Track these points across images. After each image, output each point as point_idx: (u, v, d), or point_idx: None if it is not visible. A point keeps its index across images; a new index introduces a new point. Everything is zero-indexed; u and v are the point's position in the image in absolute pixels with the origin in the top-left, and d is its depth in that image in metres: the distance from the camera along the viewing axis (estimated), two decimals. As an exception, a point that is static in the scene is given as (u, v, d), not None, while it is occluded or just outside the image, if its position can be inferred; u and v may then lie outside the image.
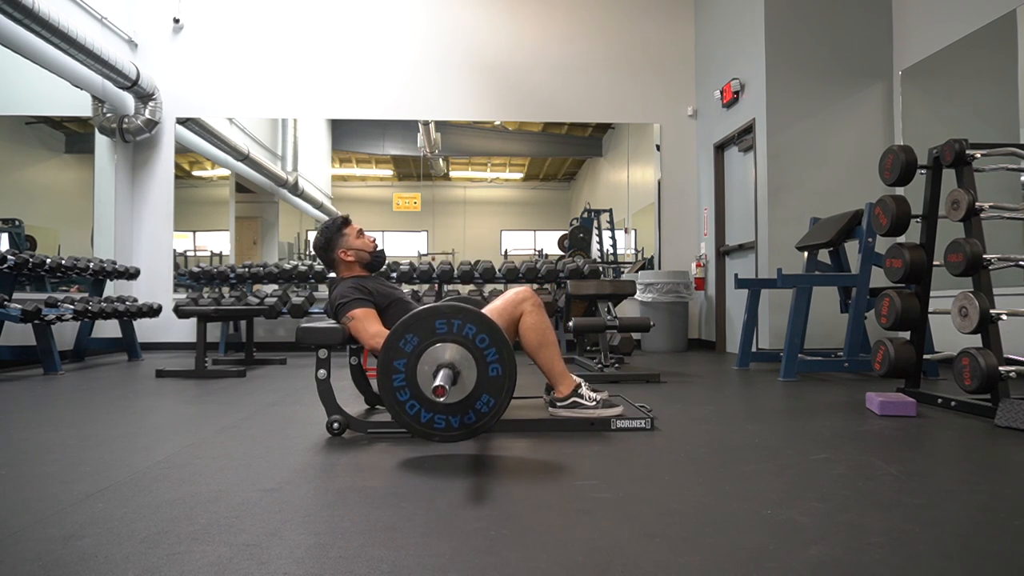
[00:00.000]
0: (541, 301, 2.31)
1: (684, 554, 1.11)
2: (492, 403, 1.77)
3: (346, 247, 2.45)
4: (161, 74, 6.10)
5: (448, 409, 1.76)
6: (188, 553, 1.12)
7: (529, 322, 2.26)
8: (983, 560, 1.10)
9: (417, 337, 1.74)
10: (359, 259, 2.46)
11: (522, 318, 2.26)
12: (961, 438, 2.13)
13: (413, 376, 1.74)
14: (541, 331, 2.26)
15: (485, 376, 1.75)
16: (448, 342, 1.73)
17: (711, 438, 2.11)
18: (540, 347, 2.26)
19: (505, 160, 7.76)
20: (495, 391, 1.76)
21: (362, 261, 2.47)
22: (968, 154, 2.59)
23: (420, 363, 1.73)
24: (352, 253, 2.45)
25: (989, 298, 2.42)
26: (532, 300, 2.28)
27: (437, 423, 1.78)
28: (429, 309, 1.75)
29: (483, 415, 1.77)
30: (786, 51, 5.06)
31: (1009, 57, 3.95)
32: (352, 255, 2.45)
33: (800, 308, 3.78)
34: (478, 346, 1.74)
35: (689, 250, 6.52)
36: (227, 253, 6.55)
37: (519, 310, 2.26)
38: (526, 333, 2.26)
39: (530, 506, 1.41)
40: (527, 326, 2.26)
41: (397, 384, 1.76)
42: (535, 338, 2.26)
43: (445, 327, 1.74)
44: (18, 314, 3.83)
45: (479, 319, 1.75)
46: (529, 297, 2.28)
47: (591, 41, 6.59)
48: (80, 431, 2.25)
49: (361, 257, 2.47)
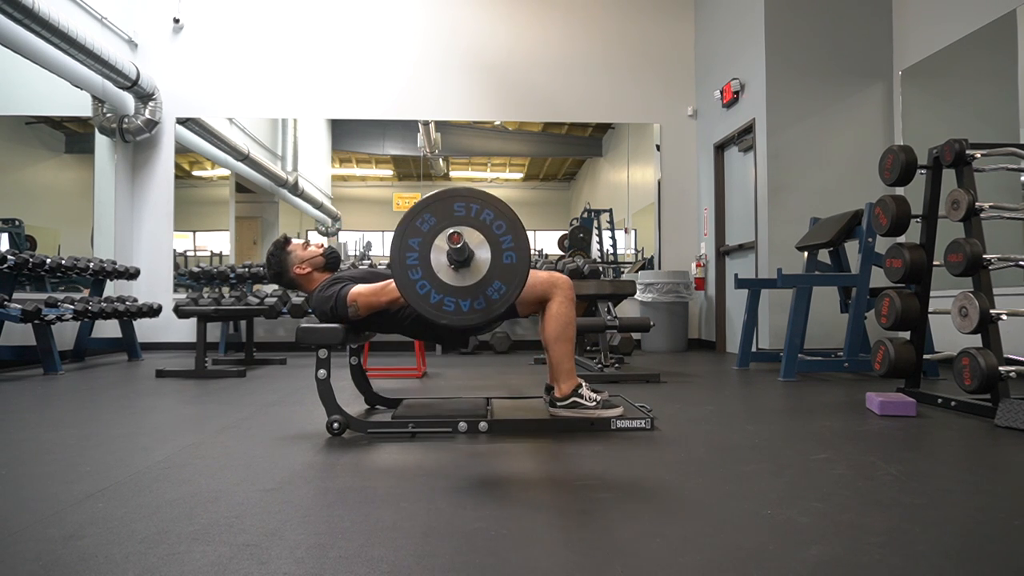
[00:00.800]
0: (574, 295, 2.28)
1: (684, 554, 1.11)
2: (503, 290, 1.74)
3: (298, 262, 2.43)
4: (161, 74, 6.09)
5: (459, 292, 1.73)
6: (188, 553, 1.12)
7: (557, 310, 2.22)
8: (983, 560, 1.10)
9: (435, 217, 1.71)
10: (315, 266, 2.44)
11: (551, 303, 2.22)
12: (961, 438, 2.13)
13: (427, 256, 1.71)
14: (565, 323, 2.22)
15: (499, 262, 1.72)
16: (465, 225, 1.71)
17: (711, 438, 2.11)
18: (558, 339, 2.22)
19: (505, 160, 7.75)
20: (507, 278, 1.73)
21: (318, 267, 2.44)
22: (968, 154, 2.59)
23: (435, 243, 1.71)
24: (306, 264, 2.43)
25: (989, 298, 2.42)
26: (567, 290, 2.24)
27: (447, 305, 1.74)
28: (449, 191, 1.74)
29: (493, 301, 1.74)
30: (786, 51, 5.06)
31: (1009, 57, 3.95)
32: (307, 266, 2.43)
33: (800, 308, 3.78)
34: (495, 232, 1.72)
35: (689, 250, 6.52)
36: (227, 253, 6.55)
37: (549, 292, 2.23)
38: (550, 320, 2.22)
39: (530, 506, 1.41)
40: (553, 313, 2.22)
41: (410, 262, 1.72)
42: (556, 328, 2.22)
43: (463, 210, 1.72)
44: (18, 314, 3.83)
45: (497, 205, 1.73)
46: (565, 286, 2.25)
47: (591, 41, 6.59)
48: (80, 431, 2.25)
49: (316, 263, 2.44)
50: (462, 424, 2.15)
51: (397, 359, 5.19)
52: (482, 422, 2.16)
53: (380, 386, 3.11)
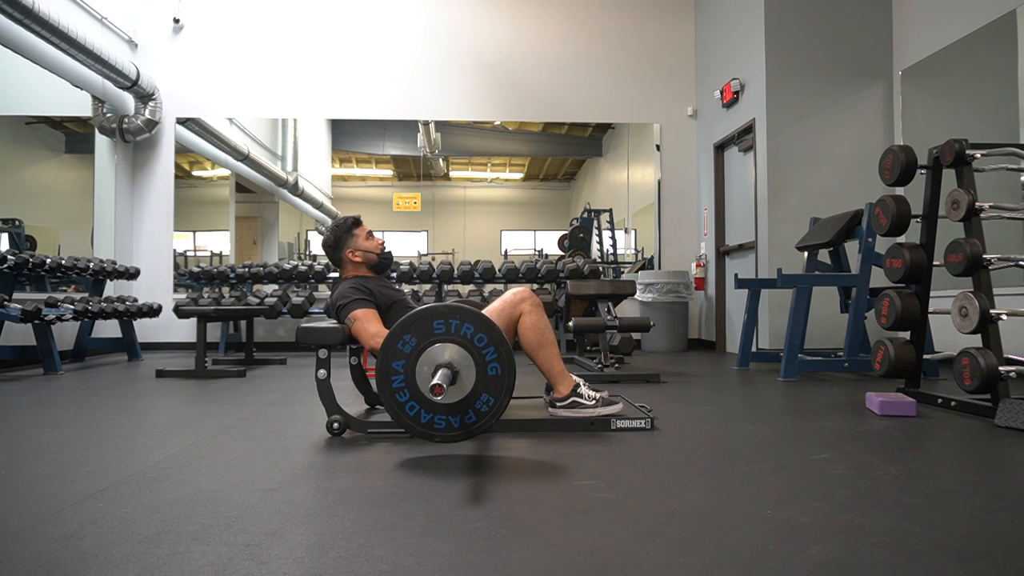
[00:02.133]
0: (540, 301, 2.32)
1: (684, 554, 1.11)
2: (492, 402, 1.77)
3: (354, 247, 2.47)
4: (161, 74, 6.10)
5: (448, 409, 1.76)
6: (188, 553, 1.12)
7: (528, 322, 2.26)
8: (983, 560, 1.10)
9: (415, 338, 1.74)
10: (366, 260, 2.48)
11: (521, 318, 2.27)
12: (961, 438, 2.13)
13: (412, 377, 1.74)
14: (540, 331, 2.27)
15: (484, 375, 1.74)
16: (446, 342, 1.73)
17: (711, 438, 2.11)
18: (539, 347, 2.27)
19: (505, 160, 7.75)
20: (495, 390, 1.76)
21: (369, 262, 2.49)
22: (968, 154, 2.59)
23: (419, 364, 1.73)
24: (360, 254, 2.47)
25: (989, 298, 2.42)
26: (531, 300, 2.29)
27: (437, 423, 1.78)
28: (427, 309, 1.75)
29: (483, 414, 1.77)
30: (786, 51, 5.06)
31: (1009, 57, 3.95)
32: (360, 256, 2.47)
33: (800, 308, 3.78)
34: (476, 345, 1.74)
35: (689, 250, 6.52)
36: (227, 253, 6.55)
37: (518, 310, 2.27)
38: (525, 333, 2.27)
39: (530, 506, 1.41)
40: (526, 326, 2.26)
41: (396, 385, 1.76)
42: (534, 338, 2.26)
43: (443, 327, 1.74)
44: (18, 314, 3.83)
45: (476, 318, 1.75)
46: (528, 297, 2.29)
47: (591, 41, 6.59)
48: (80, 431, 2.25)
49: (368, 259, 2.48)
50: (462, 424, 2.15)
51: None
52: (482, 422, 2.16)
53: (380, 386, 3.11)
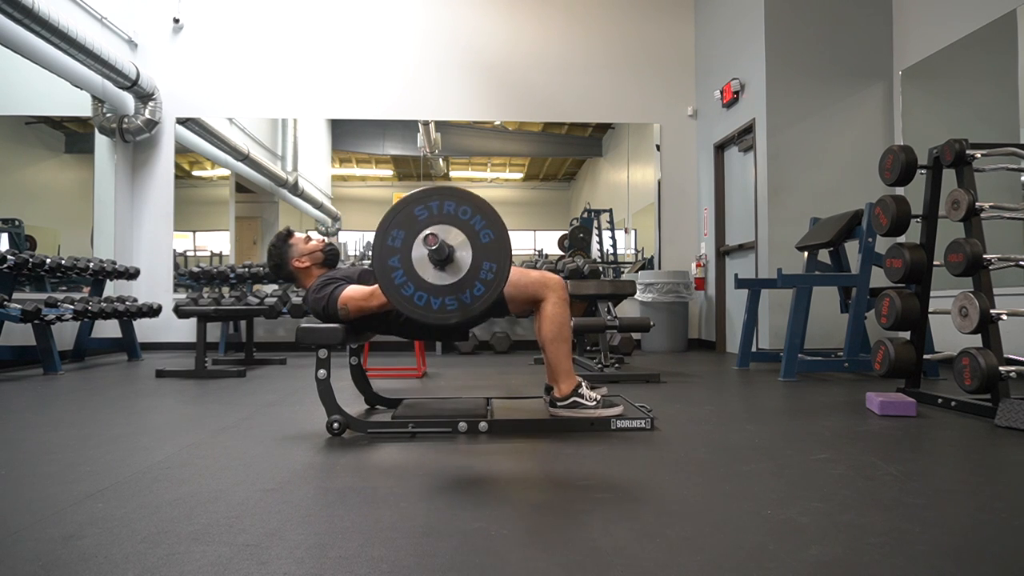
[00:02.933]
0: (568, 296, 2.28)
1: (684, 554, 1.11)
2: (495, 267, 1.75)
3: (298, 255, 2.45)
4: (161, 74, 6.10)
5: (455, 288, 1.74)
6: (188, 553, 1.12)
7: (551, 312, 2.22)
8: (983, 560, 1.10)
9: (402, 230, 1.73)
10: (314, 261, 2.46)
11: (544, 304, 2.23)
12: (961, 438, 2.13)
13: (411, 268, 1.73)
14: (560, 324, 2.23)
15: (480, 245, 1.74)
16: (432, 224, 1.73)
17: (711, 438, 2.11)
18: (554, 340, 2.23)
19: (505, 160, 7.75)
20: (494, 255, 1.75)
21: (317, 262, 2.46)
22: (968, 154, 2.59)
23: (413, 253, 1.73)
24: (306, 258, 2.44)
25: (989, 298, 2.41)
26: (560, 291, 2.25)
27: (449, 305, 1.75)
28: (404, 199, 1.75)
29: (490, 282, 1.75)
30: (786, 51, 5.06)
31: (1009, 57, 3.95)
32: (307, 260, 2.45)
33: (800, 308, 3.78)
34: (462, 219, 1.74)
35: (689, 250, 6.52)
36: (227, 253, 6.55)
37: (541, 293, 2.23)
38: (545, 321, 2.22)
39: (530, 506, 1.41)
40: (548, 314, 2.22)
41: (399, 281, 1.74)
42: (552, 329, 2.22)
43: (425, 211, 1.74)
44: (18, 314, 3.83)
45: (454, 193, 1.75)
46: (558, 286, 2.25)
47: (591, 41, 6.59)
48: (80, 431, 2.25)
49: (315, 258, 2.46)
50: (462, 424, 2.15)
51: (397, 359, 5.19)
52: (482, 422, 2.16)
53: (380, 386, 3.11)
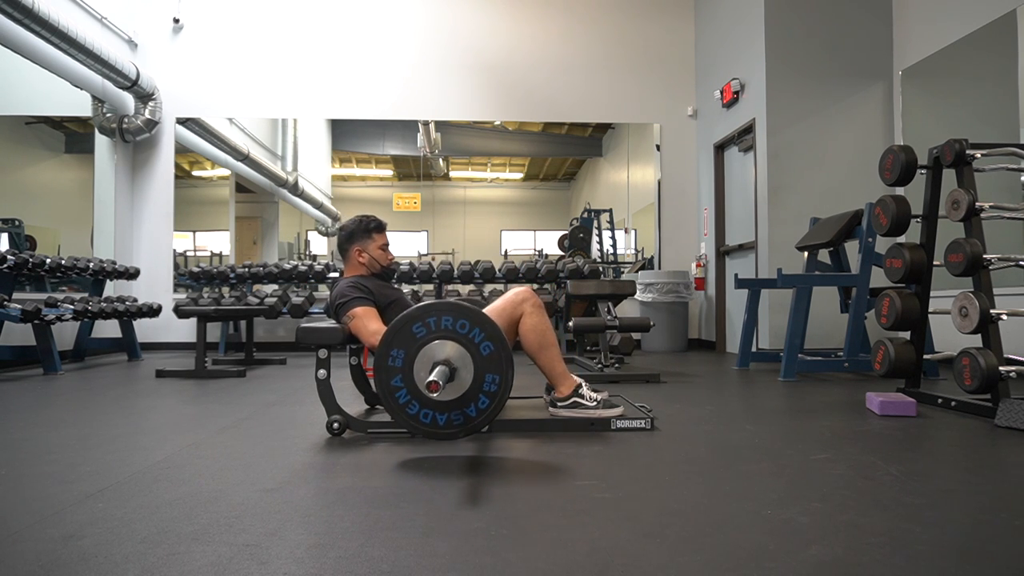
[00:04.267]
0: (541, 302, 2.31)
1: (684, 554, 1.11)
2: (498, 379, 1.77)
3: (364, 248, 2.47)
4: (161, 74, 6.10)
5: (459, 403, 1.76)
6: (188, 553, 1.12)
7: (529, 323, 2.26)
8: (983, 560, 1.10)
9: (402, 350, 1.75)
10: (370, 265, 2.48)
11: (522, 319, 2.26)
12: (961, 438, 2.13)
13: (414, 387, 1.75)
14: (541, 332, 2.26)
15: (480, 357, 1.75)
16: (431, 341, 1.74)
17: (711, 438, 2.11)
18: (541, 348, 2.26)
19: (505, 160, 7.75)
20: (495, 367, 1.76)
21: (371, 268, 2.49)
22: (968, 154, 2.59)
23: (415, 372, 1.74)
24: (366, 257, 2.47)
25: (989, 298, 2.42)
26: (532, 301, 2.28)
27: (455, 420, 1.78)
28: (401, 319, 1.77)
29: (495, 394, 1.77)
30: (786, 51, 5.06)
31: (1009, 57, 3.95)
32: (365, 258, 2.47)
33: (800, 308, 3.78)
34: (461, 332, 1.74)
35: (689, 250, 6.52)
36: (227, 253, 6.54)
37: (519, 311, 2.26)
38: (526, 335, 2.26)
39: (530, 506, 1.41)
40: (527, 327, 2.26)
41: (403, 400, 1.77)
42: (535, 339, 2.26)
43: (423, 328, 1.75)
44: (18, 314, 3.83)
45: (451, 308, 1.76)
46: (529, 298, 2.28)
47: (591, 41, 6.59)
48: (80, 431, 2.25)
49: (372, 266, 2.49)
50: (462, 424, 2.15)
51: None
52: (482, 422, 2.16)
53: (380, 386, 3.11)
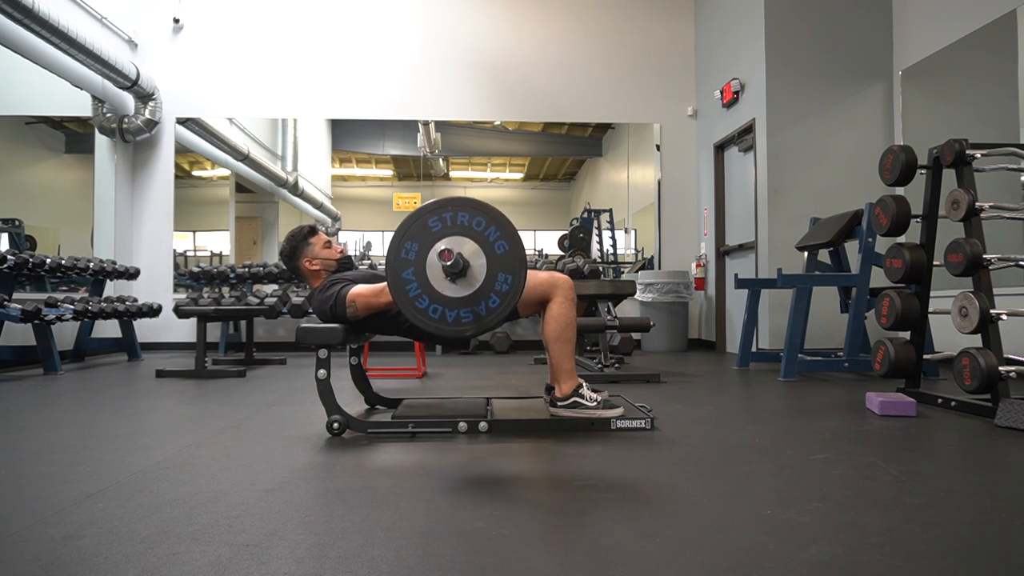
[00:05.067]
0: (575, 296, 2.28)
1: (684, 554, 1.11)
2: (510, 279, 1.74)
3: (312, 256, 2.42)
4: (161, 74, 6.09)
5: (470, 300, 1.74)
6: (188, 553, 1.12)
7: (557, 311, 2.22)
8: (983, 560, 1.10)
9: (416, 242, 1.72)
10: (325, 267, 2.43)
11: (551, 304, 2.23)
12: (961, 438, 2.13)
13: (425, 280, 1.72)
14: (565, 324, 2.23)
15: (494, 256, 1.73)
16: (446, 236, 1.71)
17: (711, 438, 2.11)
18: (558, 340, 2.23)
19: (505, 160, 7.75)
20: (509, 266, 1.74)
21: (328, 270, 2.43)
22: (968, 154, 2.59)
23: (428, 265, 1.71)
24: (318, 262, 2.42)
25: (989, 298, 2.42)
26: (567, 291, 2.25)
27: (464, 318, 1.75)
28: (417, 211, 1.74)
29: (505, 294, 1.75)
30: (786, 51, 5.06)
31: (1009, 57, 3.95)
32: (318, 264, 2.42)
33: (800, 308, 3.78)
34: (476, 230, 1.72)
35: (689, 250, 6.52)
36: (227, 253, 6.55)
37: (550, 293, 2.23)
38: (550, 320, 2.23)
39: (530, 506, 1.41)
40: (553, 314, 2.22)
41: (413, 294, 1.73)
42: (556, 328, 2.22)
43: (439, 223, 1.72)
44: (18, 314, 3.83)
45: (468, 204, 1.74)
46: (565, 286, 2.25)
47: (591, 41, 6.59)
48: (80, 431, 2.25)
49: (328, 266, 2.43)
50: (462, 424, 2.15)
51: (397, 359, 5.19)
52: (482, 422, 2.16)
53: (380, 386, 3.11)
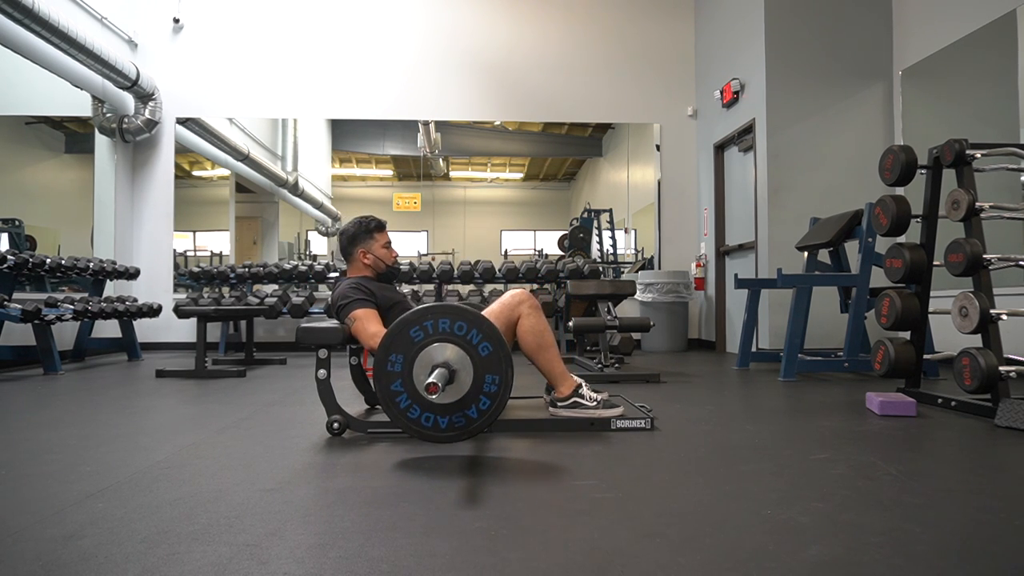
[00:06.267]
0: (538, 303, 2.31)
1: (684, 554, 1.11)
2: (498, 379, 1.77)
3: (368, 249, 2.47)
4: (161, 74, 6.09)
5: (460, 405, 1.76)
6: (188, 553, 1.12)
7: (527, 325, 2.26)
8: (983, 560, 1.10)
9: (401, 355, 1.76)
10: (375, 266, 2.49)
11: (520, 320, 2.26)
12: (961, 438, 2.13)
13: (414, 391, 1.75)
14: (539, 333, 2.26)
15: (479, 358, 1.75)
16: (429, 344, 1.74)
17: (711, 438, 2.11)
18: (539, 349, 2.26)
19: (505, 160, 7.75)
20: (495, 367, 1.77)
21: (376, 268, 2.50)
22: (968, 154, 2.59)
23: (415, 376, 1.74)
24: (371, 258, 2.47)
25: (989, 298, 2.41)
26: (529, 303, 2.28)
27: (457, 422, 1.79)
28: (398, 323, 1.77)
29: (495, 394, 1.77)
30: (786, 51, 5.06)
31: (1009, 57, 3.95)
32: (370, 259, 2.47)
33: (800, 308, 3.78)
34: (459, 334, 1.75)
35: (689, 250, 6.52)
36: (227, 253, 6.55)
37: (516, 313, 2.27)
38: (524, 336, 2.26)
39: (530, 506, 1.41)
40: (525, 329, 2.26)
41: (404, 405, 1.78)
42: (533, 341, 2.26)
43: (420, 332, 1.75)
44: (18, 314, 3.83)
45: (448, 311, 1.76)
46: (526, 299, 2.28)
47: (591, 41, 6.59)
48: (80, 431, 2.25)
49: (377, 266, 2.49)
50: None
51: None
52: (482, 422, 2.16)
53: (380, 386, 3.11)
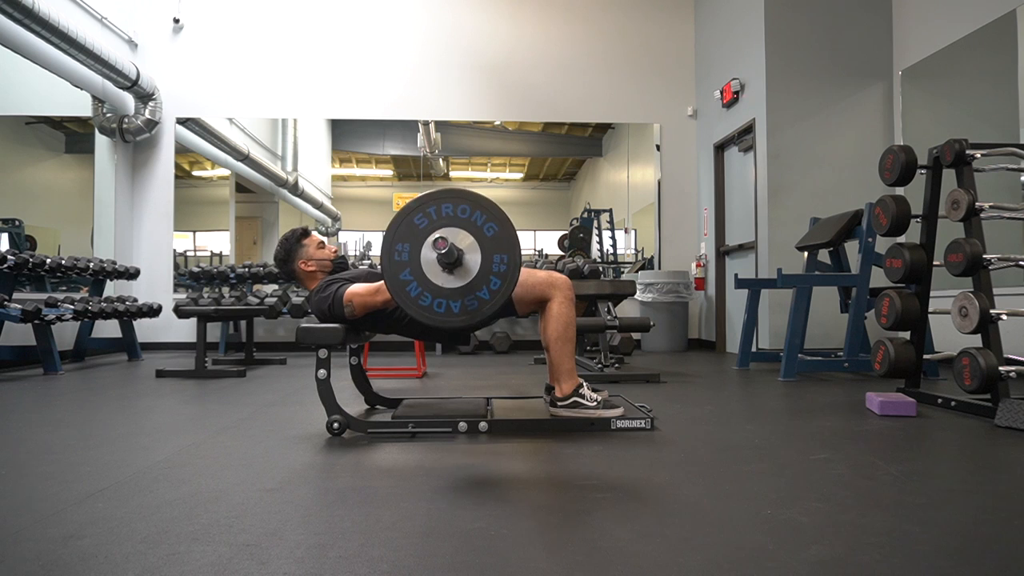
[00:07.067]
0: (574, 296, 2.29)
1: (684, 554, 1.11)
2: (506, 258, 1.74)
3: (306, 258, 2.43)
4: (161, 74, 6.10)
5: (470, 288, 1.74)
6: (188, 553, 1.12)
7: (557, 311, 2.22)
8: (983, 560, 1.10)
9: (407, 243, 1.73)
10: (321, 268, 2.44)
11: (551, 303, 2.23)
12: (961, 438, 2.13)
13: (423, 277, 1.72)
14: (566, 324, 2.23)
15: (486, 240, 1.73)
16: (435, 230, 1.72)
17: (711, 438, 2.11)
18: (559, 339, 2.23)
19: (505, 160, 7.75)
20: (502, 246, 1.74)
21: (324, 269, 2.45)
22: (968, 154, 2.59)
23: (423, 263, 1.72)
24: (314, 264, 2.43)
25: (989, 298, 2.42)
26: (566, 291, 2.25)
27: (470, 305, 1.75)
28: (401, 212, 1.75)
29: (504, 273, 1.75)
30: (786, 51, 5.06)
31: (1009, 57, 3.95)
32: (313, 265, 2.43)
33: (800, 308, 3.78)
34: (463, 217, 1.73)
35: (689, 250, 6.52)
36: (227, 253, 6.55)
37: (548, 293, 2.23)
38: (550, 320, 2.23)
39: (530, 506, 1.41)
40: (554, 314, 2.22)
41: (415, 293, 1.73)
42: (557, 328, 2.22)
43: (424, 219, 1.73)
44: (18, 314, 3.83)
45: (450, 195, 1.74)
46: (564, 286, 2.25)
47: (591, 41, 6.59)
48: (80, 431, 2.25)
49: (323, 267, 2.44)
50: (462, 424, 2.15)
51: (397, 359, 5.19)
52: (482, 422, 2.16)
53: (380, 386, 3.11)
